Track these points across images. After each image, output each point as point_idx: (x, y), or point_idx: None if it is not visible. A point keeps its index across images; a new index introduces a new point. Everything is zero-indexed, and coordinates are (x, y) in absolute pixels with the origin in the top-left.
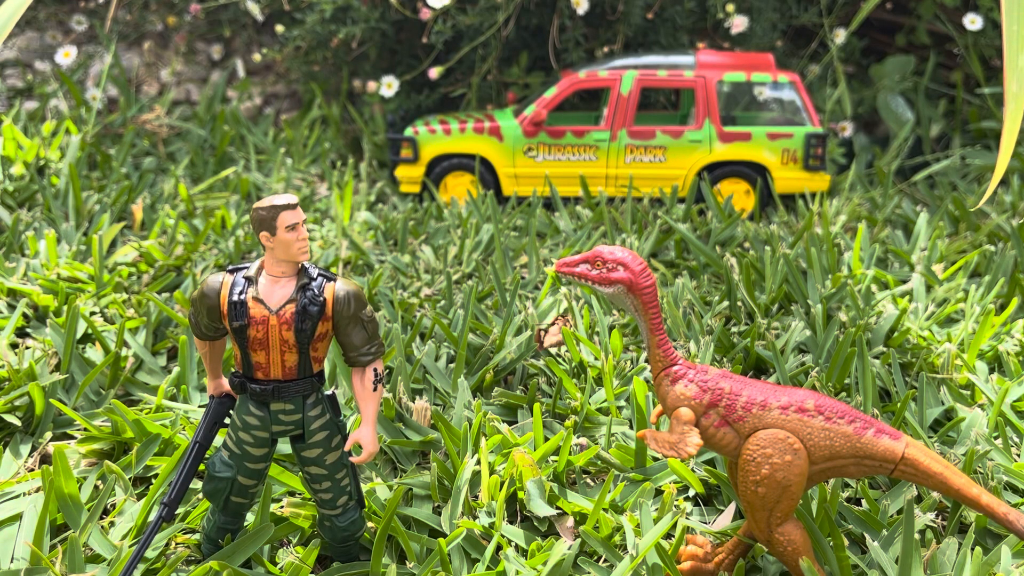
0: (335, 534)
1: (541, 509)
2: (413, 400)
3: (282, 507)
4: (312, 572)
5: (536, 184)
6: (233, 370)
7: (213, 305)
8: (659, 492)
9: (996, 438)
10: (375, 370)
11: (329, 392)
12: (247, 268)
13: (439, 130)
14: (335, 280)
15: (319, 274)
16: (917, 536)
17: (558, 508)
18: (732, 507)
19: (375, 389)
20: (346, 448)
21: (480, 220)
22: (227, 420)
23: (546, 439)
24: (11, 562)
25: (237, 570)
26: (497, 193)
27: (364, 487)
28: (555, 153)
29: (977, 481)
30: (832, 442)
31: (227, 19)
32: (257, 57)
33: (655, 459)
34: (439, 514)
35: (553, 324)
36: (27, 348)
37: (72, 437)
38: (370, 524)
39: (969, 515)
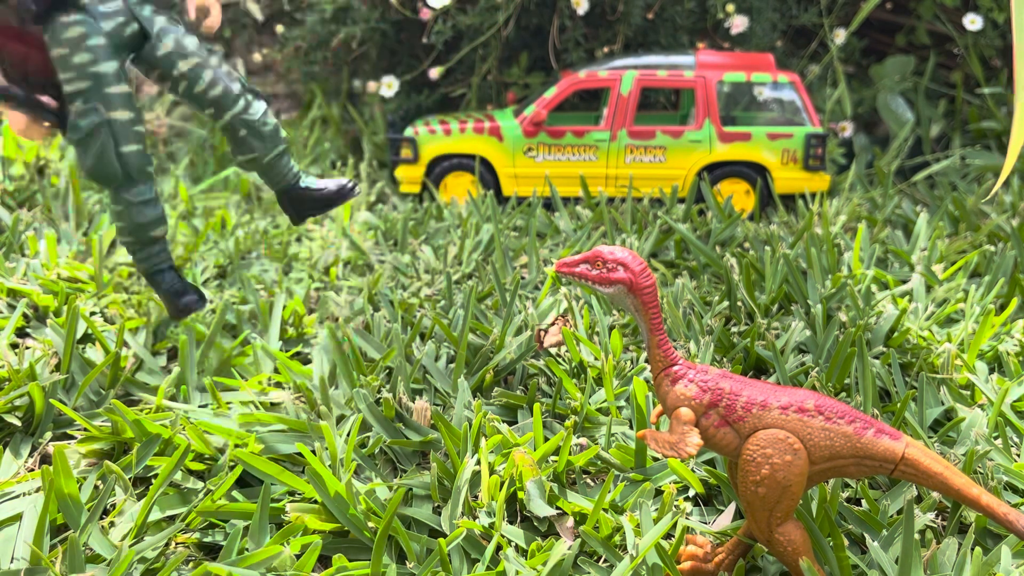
0: (262, 140)
1: (541, 509)
2: (413, 400)
3: (285, 512)
4: (312, 572)
5: (536, 184)
6: None
7: None
8: (659, 492)
9: (996, 438)
10: None
11: None
12: None
13: (439, 130)
14: None
15: None
16: (917, 536)
17: (558, 508)
18: (732, 507)
19: None
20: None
21: (480, 220)
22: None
23: (546, 439)
24: (11, 562)
25: (237, 570)
26: (497, 193)
27: (364, 487)
28: (555, 153)
29: (977, 481)
30: (832, 442)
31: (227, 19)
32: (257, 57)
33: (655, 459)
34: (439, 514)
35: (553, 324)
36: (27, 348)
37: (72, 437)
38: (370, 524)
39: (969, 515)
